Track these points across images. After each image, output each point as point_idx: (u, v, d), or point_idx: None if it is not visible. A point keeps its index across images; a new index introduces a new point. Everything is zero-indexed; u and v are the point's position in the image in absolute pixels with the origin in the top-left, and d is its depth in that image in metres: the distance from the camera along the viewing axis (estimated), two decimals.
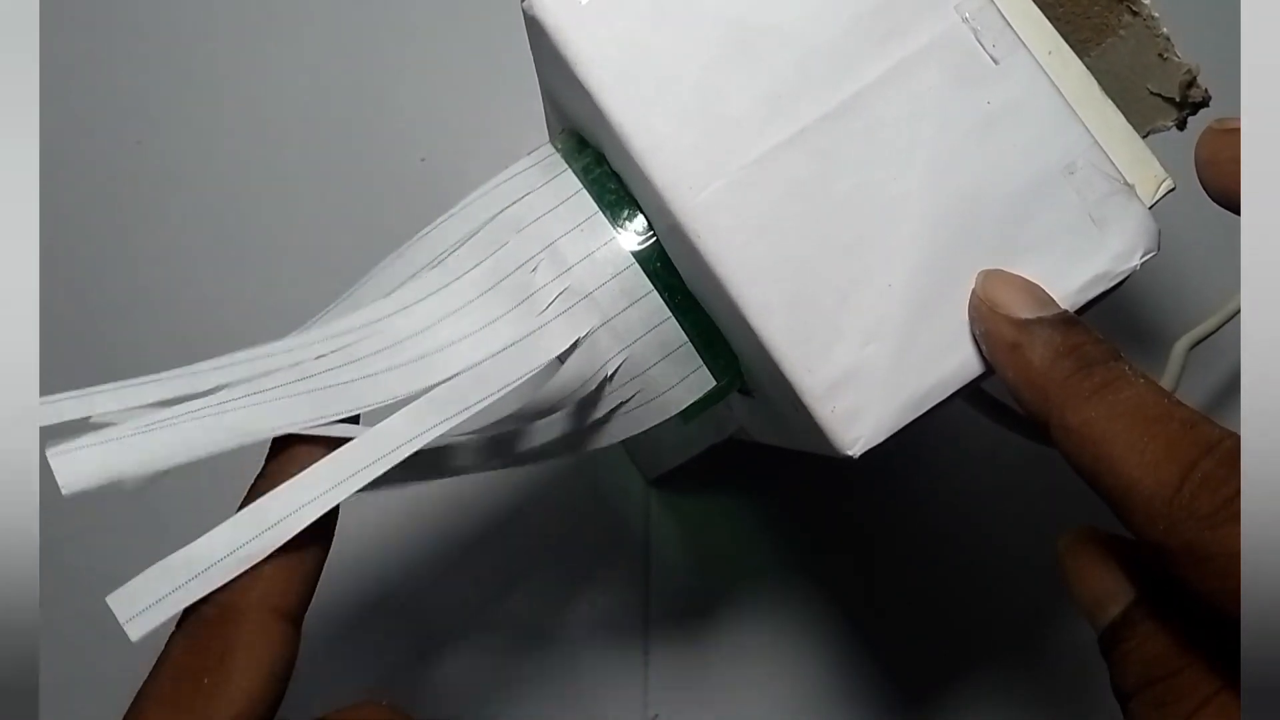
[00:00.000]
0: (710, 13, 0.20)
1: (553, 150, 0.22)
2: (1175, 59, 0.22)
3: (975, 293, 0.19)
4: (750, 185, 0.19)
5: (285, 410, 0.19)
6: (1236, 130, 0.18)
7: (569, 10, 0.19)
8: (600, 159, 0.22)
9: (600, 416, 0.22)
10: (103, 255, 0.38)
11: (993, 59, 0.20)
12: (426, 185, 0.39)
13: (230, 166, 0.39)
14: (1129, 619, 0.18)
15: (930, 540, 0.36)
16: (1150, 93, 0.22)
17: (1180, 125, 0.22)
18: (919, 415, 0.19)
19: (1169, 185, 0.21)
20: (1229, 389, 0.37)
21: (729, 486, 0.37)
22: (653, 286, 0.21)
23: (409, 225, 0.22)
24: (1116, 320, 0.38)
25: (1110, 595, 0.18)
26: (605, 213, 0.21)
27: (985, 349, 0.19)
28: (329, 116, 0.40)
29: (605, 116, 0.19)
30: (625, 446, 0.23)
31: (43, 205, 0.37)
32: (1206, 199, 0.19)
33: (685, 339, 0.21)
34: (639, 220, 0.21)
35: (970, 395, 0.20)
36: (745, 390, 0.24)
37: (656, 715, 0.35)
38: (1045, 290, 0.19)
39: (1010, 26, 0.20)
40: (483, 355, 0.20)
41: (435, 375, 0.20)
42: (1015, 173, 0.20)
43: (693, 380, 0.22)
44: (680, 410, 0.22)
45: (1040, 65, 0.20)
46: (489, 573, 0.36)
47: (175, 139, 0.39)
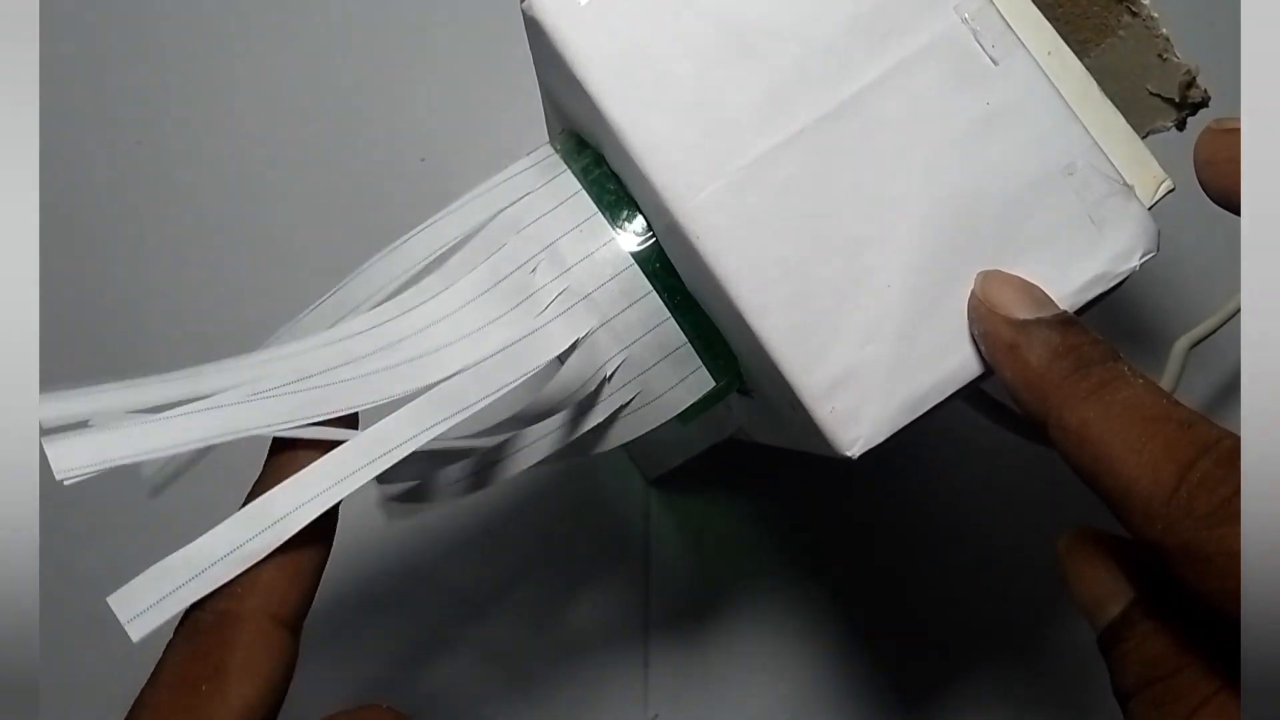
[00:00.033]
0: (709, 13, 0.20)
1: (552, 151, 0.22)
2: (1175, 59, 0.22)
3: (974, 293, 0.19)
4: (749, 185, 0.19)
5: (282, 408, 0.19)
6: (1236, 130, 0.18)
7: (568, 11, 0.19)
8: (599, 160, 0.22)
9: (601, 421, 0.22)
10: (102, 255, 0.38)
11: (992, 60, 0.20)
12: (426, 185, 0.39)
13: (230, 166, 0.39)
14: (1128, 619, 0.18)
15: (930, 540, 0.36)
16: (1150, 93, 0.22)
17: (1180, 126, 0.22)
18: (918, 416, 0.19)
19: (1168, 186, 0.21)
20: (1229, 389, 0.37)
21: (729, 486, 0.37)
22: (652, 287, 0.21)
23: (409, 225, 0.22)
24: (1116, 320, 0.38)
25: (1110, 595, 0.18)
26: (604, 213, 0.21)
27: (984, 349, 0.19)
28: (329, 116, 0.40)
29: (604, 117, 0.19)
30: (625, 446, 0.23)
31: (43, 205, 0.37)
32: (1206, 199, 0.19)
33: (684, 339, 0.21)
34: (638, 221, 0.21)
35: (969, 395, 0.20)
36: (745, 390, 0.24)
37: (656, 715, 0.35)
38: (1044, 291, 0.19)
39: (1010, 27, 0.20)
40: (481, 355, 0.20)
41: (433, 375, 0.20)
42: (1014, 173, 0.20)
43: (692, 381, 0.22)
44: (680, 411, 0.22)
45: (1039, 66, 0.20)
46: (489, 573, 0.36)
47: (175, 139, 0.39)
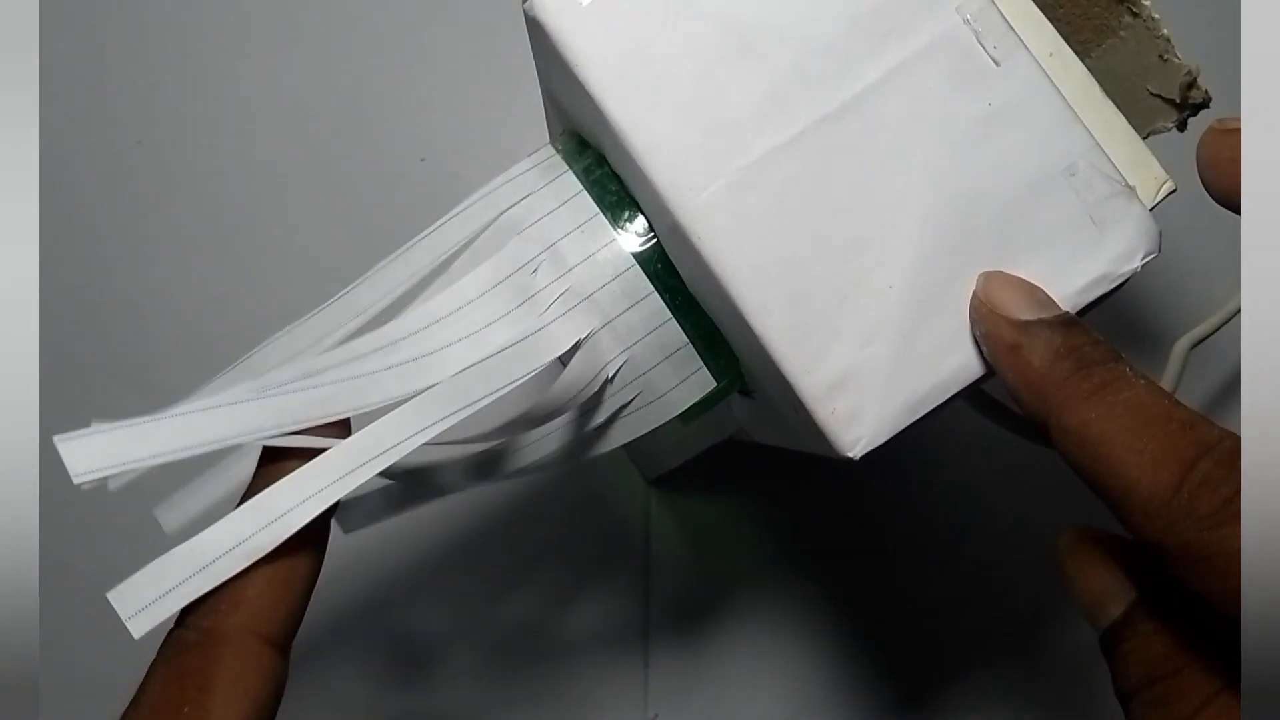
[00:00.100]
0: (710, 13, 0.20)
1: (553, 152, 0.22)
2: (1176, 60, 0.22)
3: (976, 294, 0.19)
4: (750, 186, 0.19)
5: (289, 408, 0.19)
6: (1237, 131, 0.18)
7: (570, 11, 0.19)
8: (601, 160, 0.22)
9: (602, 421, 0.22)
10: (103, 255, 0.38)
11: (993, 60, 0.20)
12: (426, 185, 0.39)
13: (230, 166, 0.39)
14: (1129, 619, 0.18)
15: (930, 540, 0.36)
16: (1151, 94, 0.22)
17: (1181, 126, 0.22)
18: (919, 417, 0.19)
19: (1170, 187, 0.21)
20: (1229, 389, 0.37)
21: (729, 486, 0.37)
22: (653, 288, 0.21)
23: (409, 225, 0.22)
24: (1116, 320, 0.38)
25: (1110, 595, 0.18)
26: (606, 214, 0.21)
27: (985, 350, 0.19)
28: (329, 116, 0.40)
29: (605, 117, 0.19)
30: (625, 447, 0.23)
31: (43, 205, 0.37)
32: (1207, 200, 0.19)
33: (686, 340, 0.21)
34: (639, 221, 0.21)
35: (970, 396, 0.20)
36: (745, 391, 0.24)
37: (656, 716, 0.35)
38: (1045, 291, 0.19)
39: (1011, 28, 0.20)
40: (483, 355, 0.20)
41: (435, 375, 0.20)
42: (1016, 174, 0.20)
43: (693, 381, 0.22)
44: (681, 412, 0.22)
45: (1041, 66, 0.20)
46: (489, 573, 0.36)
47: (175, 139, 0.39)
